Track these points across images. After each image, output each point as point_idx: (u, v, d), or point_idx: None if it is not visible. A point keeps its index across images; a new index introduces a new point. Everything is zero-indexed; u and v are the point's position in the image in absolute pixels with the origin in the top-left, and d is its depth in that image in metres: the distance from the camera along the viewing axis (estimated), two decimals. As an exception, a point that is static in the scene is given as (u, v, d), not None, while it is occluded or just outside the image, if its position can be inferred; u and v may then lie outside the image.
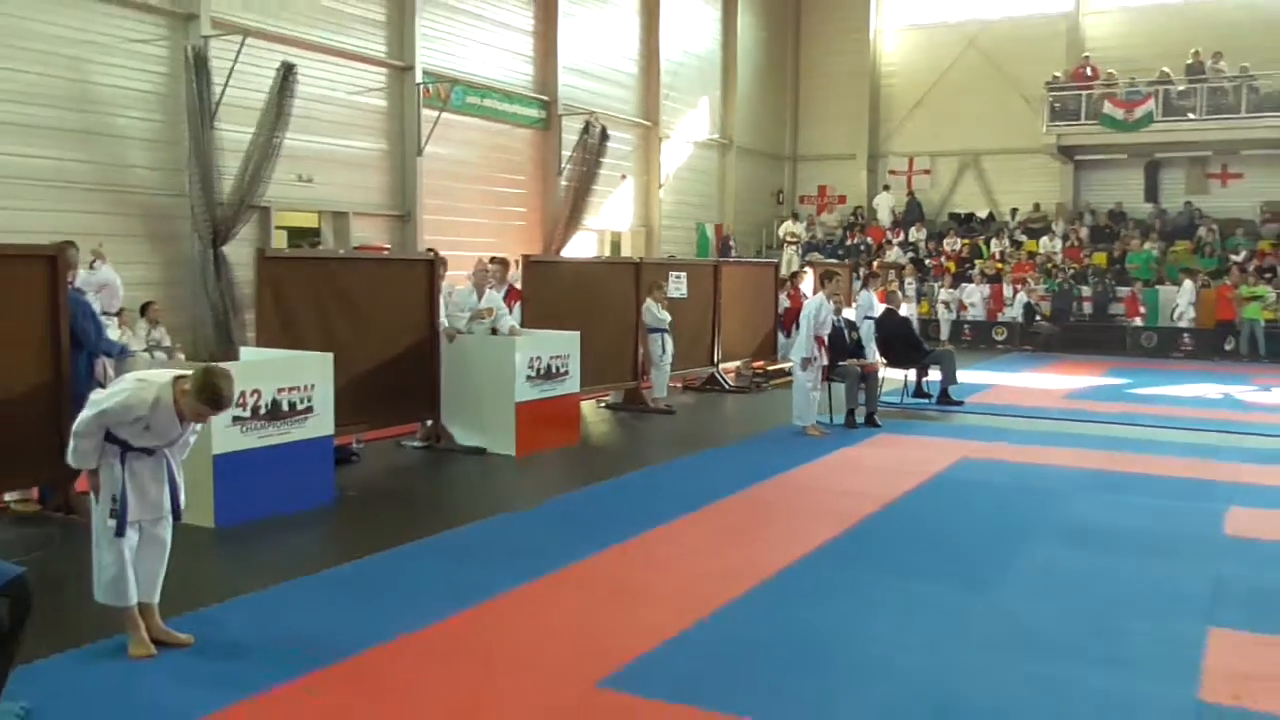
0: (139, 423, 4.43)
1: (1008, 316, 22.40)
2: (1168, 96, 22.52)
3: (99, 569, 4.54)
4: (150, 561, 4.65)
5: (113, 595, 4.52)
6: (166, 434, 4.54)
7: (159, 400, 4.40)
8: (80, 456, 4.50)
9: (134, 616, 4.53)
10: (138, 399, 4.40)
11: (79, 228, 11.24)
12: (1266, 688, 4.37)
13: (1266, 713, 4.15)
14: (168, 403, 4.41)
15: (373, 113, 16.03)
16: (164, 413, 4.43)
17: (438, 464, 9.12)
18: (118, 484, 4.50)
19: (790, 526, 6.97)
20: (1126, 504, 7.75)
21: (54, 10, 11.81)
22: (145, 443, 4.53)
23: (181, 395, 4.40)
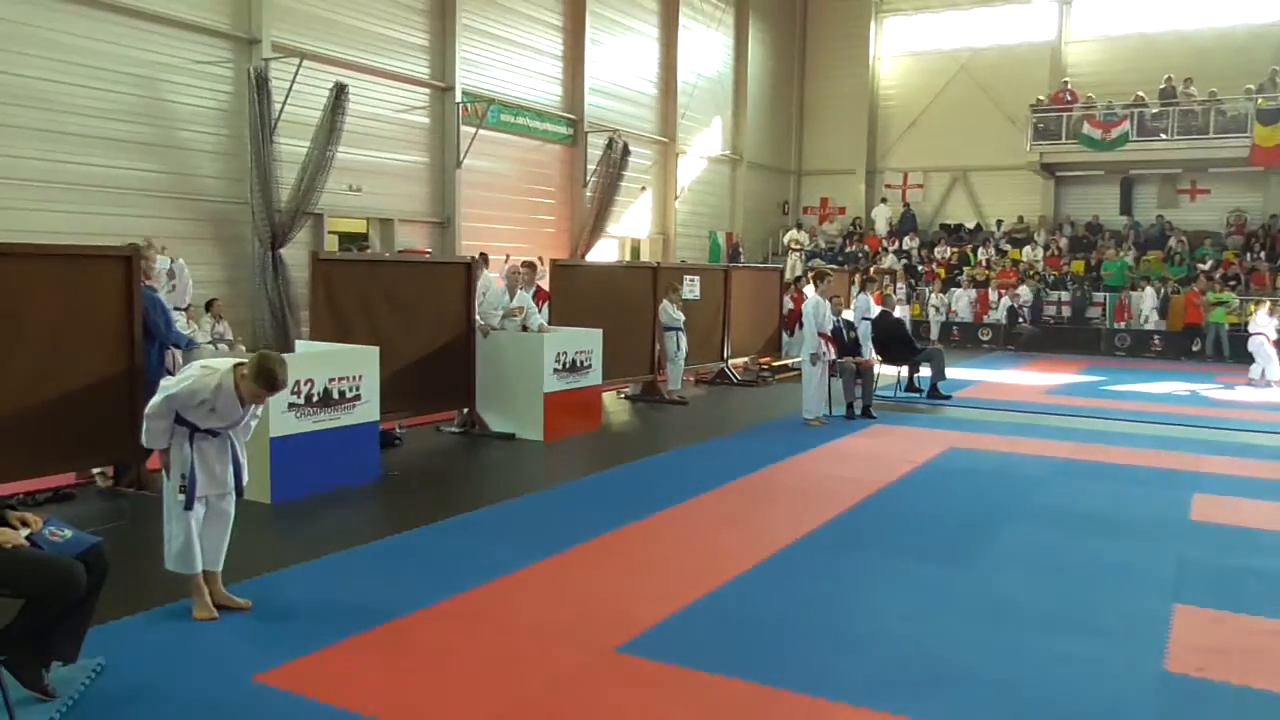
0: (204, 405, 4.45)
1: (992, 319, 22.27)
2: (1142, 118, 22.35)
3: (169, 540, 4.57)
4: (215, 533, 4.67)
5: (182, 564, 4.55)
6: (229, 416, 4.55)
7: (221, 385, 4.42)
8: (152, 437, 4.52)
9: (199, 583, 4.56)
10: (202, 384, 4.42)
11: (153, 232, 11.30)
12: (1228, 660, 4.34)
13: (1228, 683, 4.11)
14: (229, 387, 4.44)
15: (416, 129, 16.05)
16: (226, 396, 4.45)
17: (472, 448, 9.13)
18: (186, 463, 4.53)
19: (792, 508, 6.94)
20: (1100, 490, 7.69)
21: (133, 36, 11.87)
22: (211, 424, 4.55)
23: (241, 380, 4.43)
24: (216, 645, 4.25)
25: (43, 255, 6.46)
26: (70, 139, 11.29)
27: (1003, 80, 25.10)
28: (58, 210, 11.03)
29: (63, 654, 3.70)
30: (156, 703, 3.70)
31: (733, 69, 25.16)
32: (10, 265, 6.06)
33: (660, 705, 3.81)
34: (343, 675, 4.00)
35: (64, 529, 3.72)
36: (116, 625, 4.37)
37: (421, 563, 5.52)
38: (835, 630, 4.63)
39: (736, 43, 25.19)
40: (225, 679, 3.90)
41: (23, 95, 10.85)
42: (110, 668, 3.94)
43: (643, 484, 7.73)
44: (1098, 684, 4.08)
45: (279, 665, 4.03)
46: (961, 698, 3.90)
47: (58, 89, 11.14)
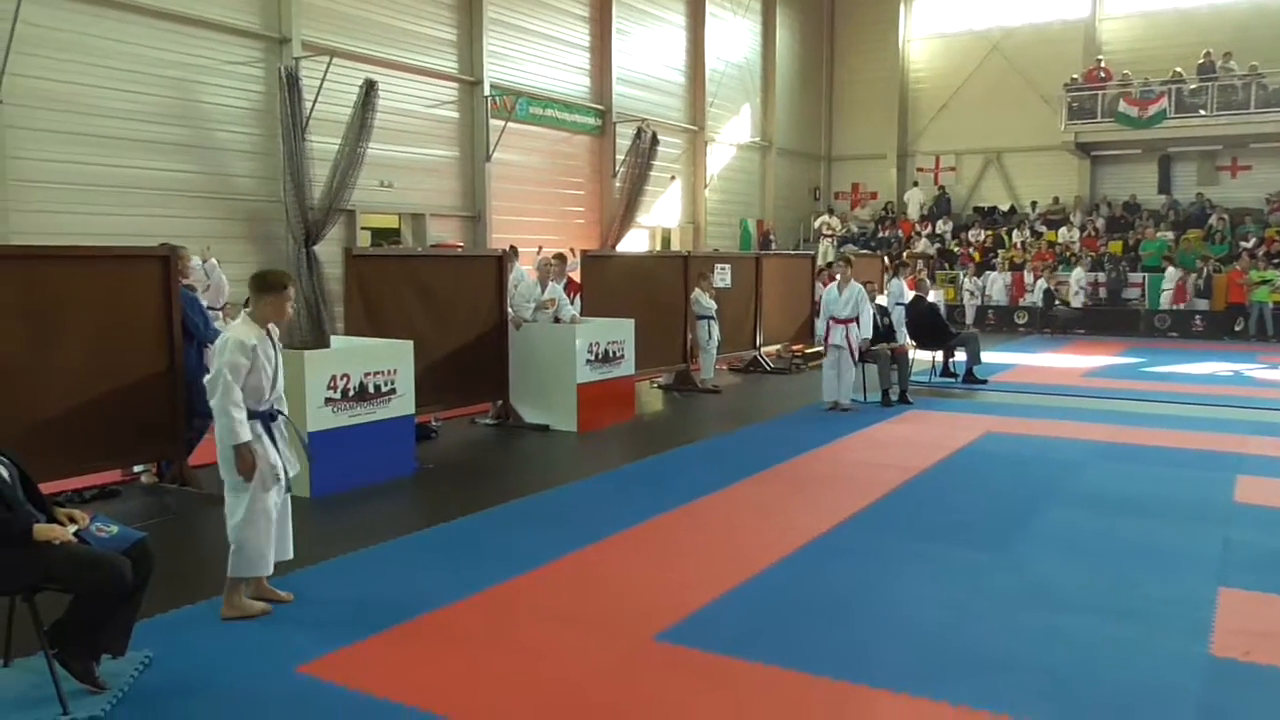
0: (254, 365, 4.44)
1: (1028, 301, 21.99)
2: (1180, 95, 21.94)
3: (247, 546, 4.48)
4: (285, 524, 4.75)
5: (257, 568, 4.54)
6: (272, 361, 4.55)
7: (246, 333, 4.46)
8: (239, 428, 4.40)
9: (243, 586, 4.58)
10: (236, 344, 4.42)
11: (190, 231, 11.50)
12: (1275, 644, 4.26)
13: (1275, 666, 4.05)
14: (253, 329, 4.49)
15: (446, 123, 16.12)
16: (259, 339, 4.49)
17: (507, 439, 9.18)
18: (271, 453, 4.55)
19: (828, 495, 6.91)
20: (1141, 473, 7.58)
21: (166, 39, 12.03)
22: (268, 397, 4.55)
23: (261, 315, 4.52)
24: (259, 637, 4.31)
25: (83, 257, 6.57)
26: (107, 142, 11.47)
27: (1035, 59, 24.73)
28: (96, 212, 11.22)
29: (112, 647, 3.77)
30: (203, 694, 3.77)
31: (761, 55, 25.01)
32: (52, 268, 6.17)
33: (700, 693, 3.81)
34: (384, 666, 4.04)
35: (110, 525, 3.79)
36: (163, 619, 4.44)
37: (459, 554, 5.56)
38: (874, 616, 4.61)
39: (764, 28, 25.03)
40: (269, 670, 3.96)
41: (60, 100, 11.04)
42: (157, 660, 4.01)
43: (677, 473, 7.73)
44: (1140, 668, 4.03)
45: (321, 656, 4.08)
46: (1002, 683, 3.87)
47: (94, 93, 11.32)
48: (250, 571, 4.54)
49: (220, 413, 4.42)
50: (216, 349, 4.49)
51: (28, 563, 3.50)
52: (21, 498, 3.61)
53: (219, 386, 4.40)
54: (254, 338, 4.47)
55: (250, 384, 4.48)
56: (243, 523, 4.50)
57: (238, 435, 4.41)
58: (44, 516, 3.67)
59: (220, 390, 4.39)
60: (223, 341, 4.47)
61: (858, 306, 10.42)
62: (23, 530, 3.49)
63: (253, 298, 4.56)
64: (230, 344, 4.43)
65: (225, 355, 4.42)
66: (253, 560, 4.52)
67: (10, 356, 5.67)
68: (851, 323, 10.41)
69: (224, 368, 4.39)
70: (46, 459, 5.43)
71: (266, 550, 4.56)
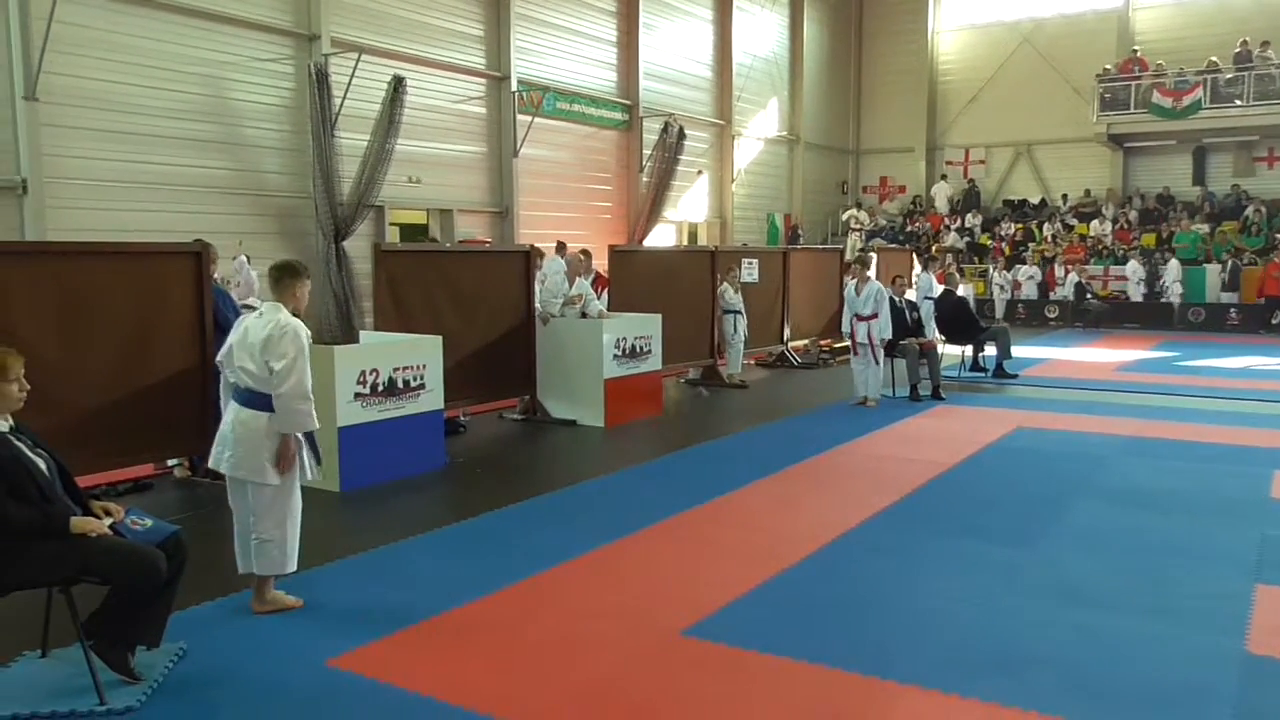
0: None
1: (1059, 295, 21.74)
2: (1215, 84, 21.60)
3: (282, 542, 4.47)
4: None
5: (285, 565, 4.54)
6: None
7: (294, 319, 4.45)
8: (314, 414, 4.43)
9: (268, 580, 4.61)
10: (304, 331, 4.43)
11: (221, 228, 11.64)
12: (1313, 643, 4.19)
13: (1313, 667, 3.98)
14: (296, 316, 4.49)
15: (473, 119, 16.18)
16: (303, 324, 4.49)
17: (535, 434, 9.21)
18: (302, 444, 4.55)
19: (857, 491, 6.88)
20: (1174, 468, 7.48)
21: (198, 36, 12.16)
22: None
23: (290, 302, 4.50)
24: (290, 630, 4.35)
25: (117, 253, 6.66)
26: (140, 139, 11.61)
27: (1067, 50, 24.44)
28: (129, 209, 11.37)
29: (146, 638, 3.82)
30: (235, 685, 3.81)
31: (788, 49, 24.89)
32: (86, 263, 6.25)
33: (728, 688, 3.81)
34: (413, 659, 4.07)
35: (145, 518, 3.84)
36: (196, 611, 4.50)
37: (487, 548, 5.58)
38: (903, 612, 4.58)
39: (792, 22, 24.91)
40: (299, 663, 4.00)
41: (94, 98, 11.19)
42: (191, 652, 4.06)
43: (705, 468, 7.72)
44: (1174, 666, 3.98)
45: (351, 649, 4.11)
46: (1032, 680, 3.83)
47: (127, 91, 11.46)
48: (278, 569, 4.53)
49: (298, 397, 4.34)
50: (288, 338, 4.35)
51: (65, 555, 3.55)
52: (60, 491, 3.67)
53: (294, 372, 4.33)
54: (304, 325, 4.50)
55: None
56: (282, 519, 4.49)
57: (313, 422, 4.42)
58: (80, 509, 3.72)
59: (298, 376, 4.34)
60: (291, 330, 4.38)
61: (877, 305, 10.39)
62: (61, 523, 3.55)
63: (281, 286, 4.51)
64: (300, 331, 4.41)
65: (302, 339, 4.40)
66: (284, 557, 4.53)
67: (47, 351, 5.75)
68: (872, 319, 10.37)
69: (302, 356, 4.38)
70: (82, 452, 5.51)
71: (294, 549, 4.58)
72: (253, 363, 4.40)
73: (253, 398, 4.42)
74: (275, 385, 4.34)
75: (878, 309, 10.39)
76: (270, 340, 4.36)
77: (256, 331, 4.43)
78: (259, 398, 4.40)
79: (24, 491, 3.50)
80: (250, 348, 4.42)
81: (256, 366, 4.39)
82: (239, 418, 4.45)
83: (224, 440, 4.49)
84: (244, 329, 4.51)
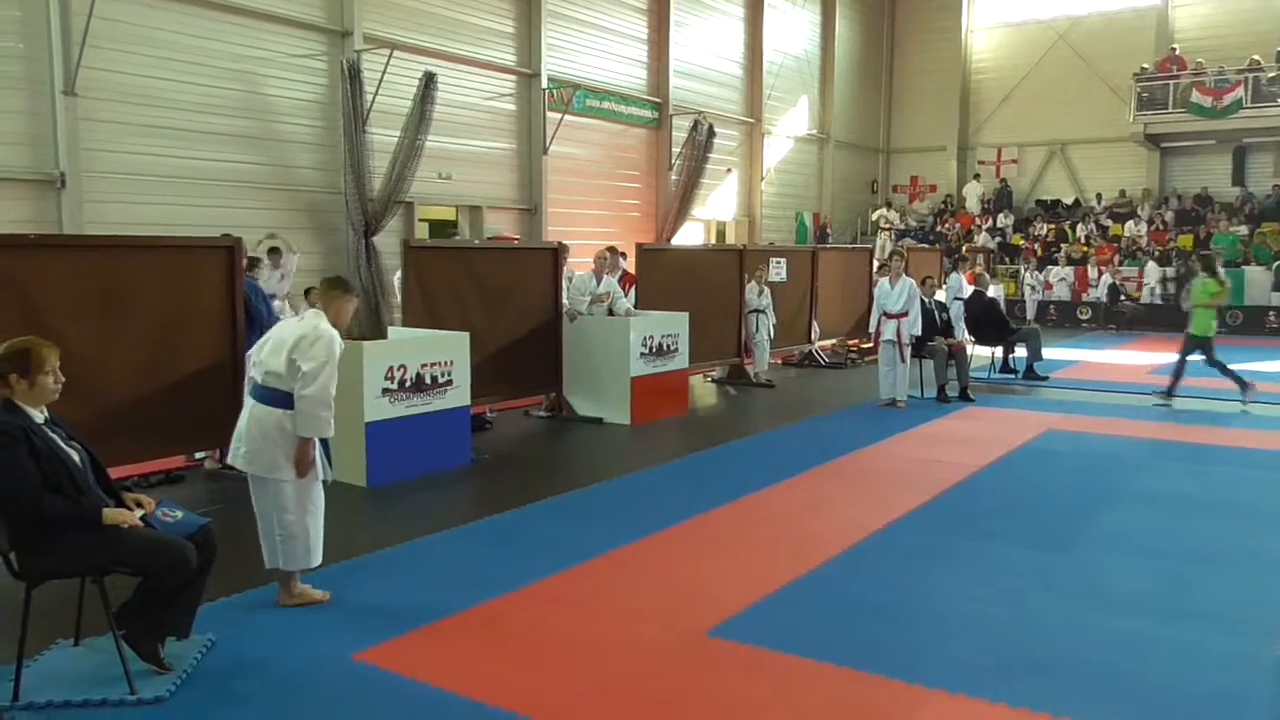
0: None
1: (1092, 297, 21.48)
2: (1257, 83, 21.23)
3: (303, 538, 4.54)
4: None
5: (308, 560, 4.60)
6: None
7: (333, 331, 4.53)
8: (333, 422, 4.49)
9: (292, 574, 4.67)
10: (338, 342, 4.51)
11: (254, 222, 11.76)
12: (1351, 655, 4.12)
13: (1351, 679, 3.91)
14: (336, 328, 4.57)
15: (503, 116, 16.22)
16: (339, 336, 4.57)
17: (561, 432, 9.22)
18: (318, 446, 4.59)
19: (884, 492, 6.83)
20: (1208, 473, 7.37)
21: (233, 32, 12.27)
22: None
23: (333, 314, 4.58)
24: (318, 624, 4.39)
25: (151, 246, 6.74)
26: (175, 133, 11.74)
27: (1104, 49, 24.13)
28: (163, 203, 11.51)
29: (176, 629, 3.87)
30: (263, 677, 3.84)
31: (820, 47, 24.77)
32: (122, 257, 6.33)
33: (753, 689, 3.79)
34: (438, 655, 4.08)
35: (175, 510, 3.88)
36: (225, 603, 4.55)
37: (513, 545, 5.60)
38: (930, 615, 4.54)
39: (823, 19, 24.78)
40: (327, 656, 4.03)
41: (131, 93, 11.33)
42: (220, 643, 4.10)
43: (731, 467, 7.70)
44: (1207, 671, 3.93)
45: (377, 644, 4.14)
46: (1062, 685, 3.79)
47: (163, 85, 11.60)
48: (303, 563, 4.59)
49: (321, 404, 4.41)
50: (322, 343, 4.43)
51: (98, 546, 3.60)
52: (92, 482, 3.71)
53: (321, 378, 4.40)
54: (340, 337, 4.59)
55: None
56: (303, 514, 4.55)
57: (331, 429, 4.50)
58: (113, 501, 3.77)
59: (324, 383, 4.41)
60: (327, 337, 4.47)
61: (909, 301, 10.26)
62: (94, 514, 3.59)
63: (329, 297, 4.60)
64: (335, 340, 4.51)
65: (335, 349, 4.49)
66: (309, 550, 4.59)
67: (82, 343, 5.82)
68: (902, 317, 10.24)
69: (332, 363, 4.46)
70: (114, 444, 5.57)
71: (318, 541, 4.64)
72: (279, 360, 4.46)
73: (271, 395, 4.48)
74: (301, 386, 4.39)
75: (909, 306, 10.26)
76: (304, 340, 4.43)
77: (291, 330, 4.53)
78: (277, 395, 4.47)
79: (58, 483, 3.55)
80: (281, 345, 4.50)
81: (283, 364, 4.44)
82: (254, 414, 4.52)
83: (239, 436, 4.57)
84: (281, 328, 4.67)
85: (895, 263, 10.69)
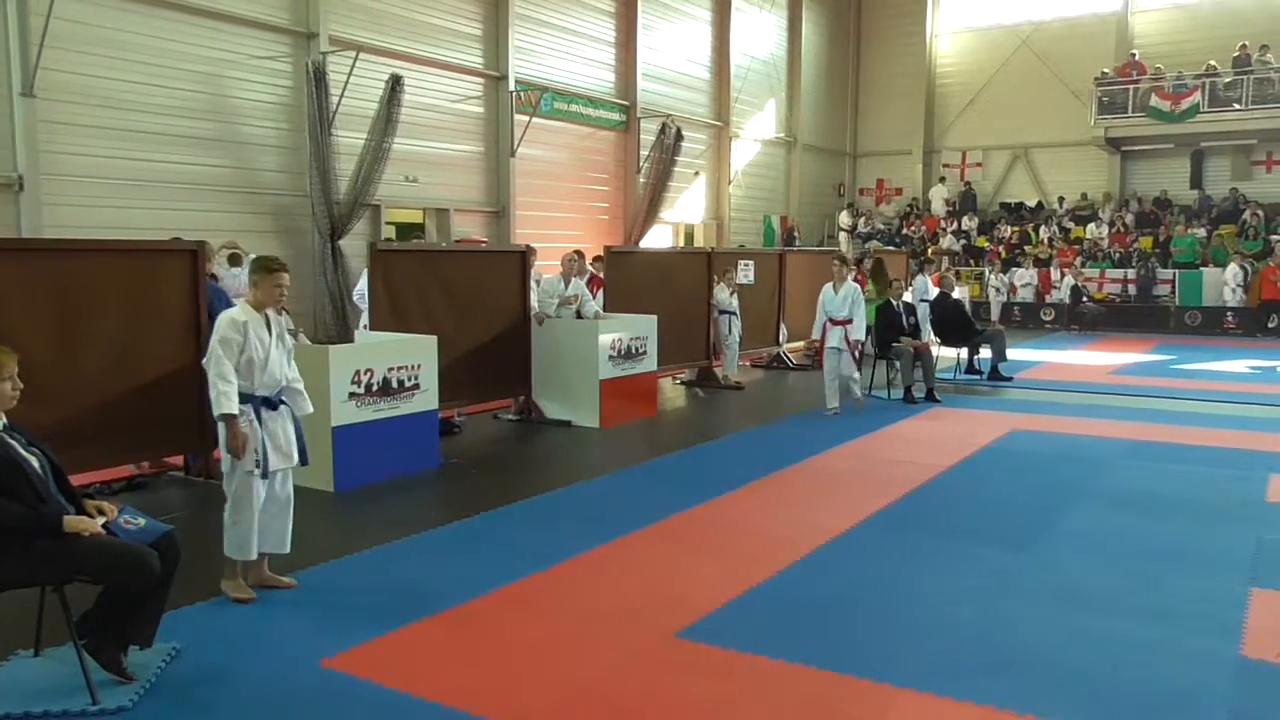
0: (245, 341, 4.58)
1: (1055, 298, 21.79)
2: (1214, 88, 21.64)
3: (230, 527, 4.66)
4: (282, 518, 4.84)
5: (243, 551, 4.67)
6: (265, 343, 4.67)
7: (239, 312, 4.66)
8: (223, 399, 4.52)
9: (240, 569, 4.71)
10: (229, 320, 4.62)
11: (218, 225, 11.59)
12: (1307, 648, 4.20)
13: (1307, 672, 3.99)
14: (247, 310, 4.67)
15: (471, 119, 16.16)
16: (251, 320, 4.64)
17: (530, 435, 9.20)
18: (258, 438, 4.65)
19: (852, 493, 6.89)
20: (1170, 472, 7.50)
21: (196, 34, 12.12)
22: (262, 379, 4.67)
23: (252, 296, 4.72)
24: (284, 630, 4.35)
25: (112, 250, 6.65)
26: (137, 136, 11.58)
27: (1066, 54, 24.48)
28: (125, 206, 11.34)
29: (139, 638, 3.81)
30: (229, 685, 3.80)
31: (786, 50, 24.91)
32: (82, 261, 6.24)
33: (722, 691, 3.80)
34: (407, 660, 4.06)
35: (138, 517, 3.83)
36: (189, 610, 4.49)
37: (482, 549, 5.58)
38: (899, 615, 4.58)
39: (790, 24, 24.93)
40: (293, 663, 3.99)
41: (92, 94, 11.16)
42: (184, 651, 4.06)
43: (700, 469, 7.72)
44: (1170, 669, 3.99)
45: (345, 650, 4.11)
46: (1028, 683, 3.84)
47: (125, 87, 11.43)
48: (235, 554, 4.66)
49: (210, 384, 4.57)
50: (215, 326, 4.68)
51: (58, 554, 3.54)
52: (53, 489, 3.66)
53: (211, 359, 4.58)
54: (245, 316, 4.65)
55: (242, 361, 4.62)
56: (231, 503, 4.67)
57: (221, 406, 4.54)
58: (74, 508, 3.71)
59: (211, 362, 4.57)
60: (221, 320, 4.66)
61: (854, 307, 9.93)
62: (54, 522, 3.54)
63: (253, 277, 4.79)
64: (223, 320, 4.64)
65: (217, 331, 4.61)
66: (238, 542, 4.65)
67: (41, 349, 5.73)
68: (847, 324, 9.94)
69: (215, 342, 4.58)
70: (76, 451, 5.49)
71: (250, 536, 4.66)
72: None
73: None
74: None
75: (854, 312, 9.94)
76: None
77: None
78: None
79: (17, 490, 3.49)
80: None
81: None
82: None
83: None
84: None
85: (839, 267, 10.24)
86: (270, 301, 4.75)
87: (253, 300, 4.75)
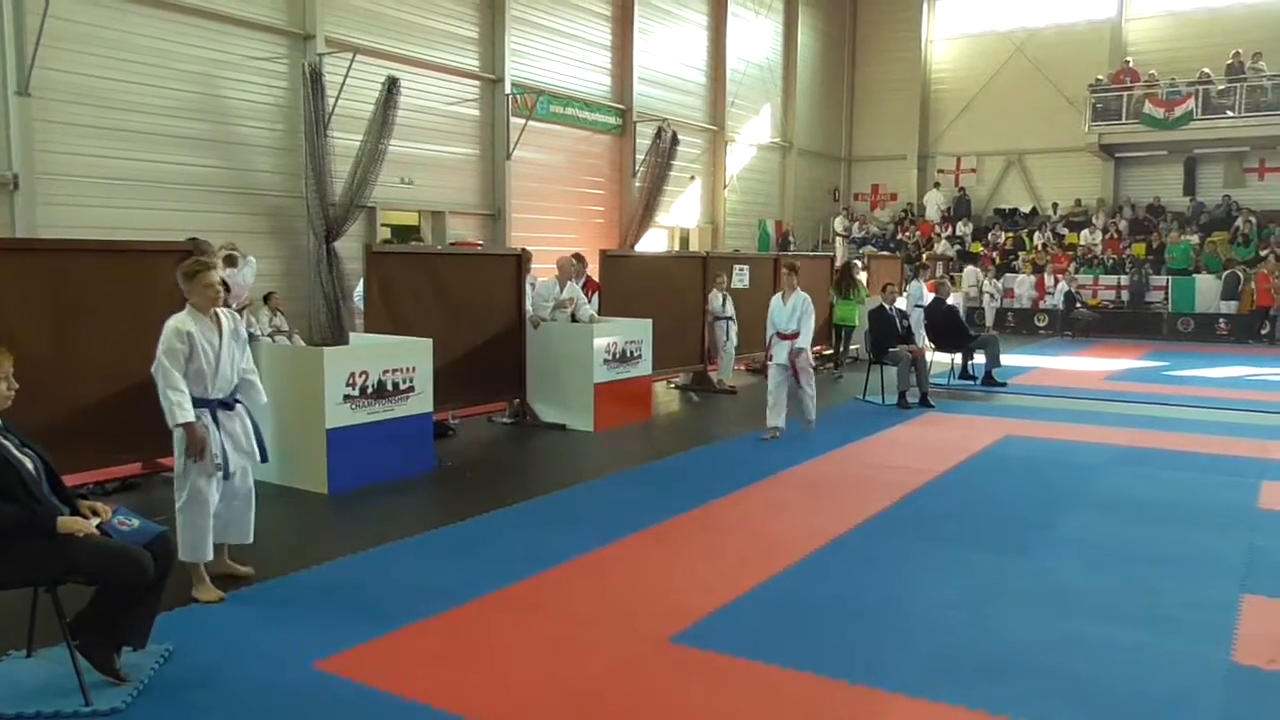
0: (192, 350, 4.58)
1: (1049, 304, 21.85)
2: (1207, 95, 21.72)
3: (190, 530, 4.63)
4: (243, 509, 4.90)
5: (198, 553, 4.66)
6: (214, 346, 4.67)
7: (183, 320, 4.62)
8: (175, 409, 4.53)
9: (204, 570, 4.71)
10: (172, 330, 4.60)
11: (213, 226, 11.55)
12: (1298, 654, 4.22)
13: (1298, 678, 4.01)
14: (191, 317, 4.64)
15: (467, 121, 16.15)
16: (197, 322, 4.63)
17: (524, 438, 9.20)
18: (217, 441, 4.68)
19: (846, 497, 6.89)
20: (1163, 478, 7.52)
21: (191, 33, 12.10)
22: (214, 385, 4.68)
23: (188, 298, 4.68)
24: (277, 632, 4.34)
25: (108, 250, 6.64)
26: (132, 136, 11.55)
27: (1060, 61, 24.56)
28: (121, 206, 11.31)
29: (132, 639, 3.81)
30: (222, 687, 3.79)
31: (782, 55, 24.95)
32: (77, 261, 6.24)
33: (715, 695, 3.81)
34: (400, 663, 4.06)
35: (132, 518, 3.83)
36: (182, 612, 4.48)
37: (476, 552, 5.58)
38: (891, 620, 4.59)
39: (786, 28, 24.97)
40: (287, 665, 3.99)
41: (88, 94, 11.13)
42: (177, 653, 4.05)
43: (694, 474, 7.73)
44: (1162, 674, 4.00)
45: (338, 652, 4.10)
46: (1020, 688, 3.85)
47: (121, 87, 11.40)
48: (190, 556, 4.64)
49: (160, 394, 4.56)
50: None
51: (52, 555, 3.53)
52: (46, 490, 3.65)
53: (158, 369, 4.57)
54: (191, 325, 4.62)
55: (191, 370, 4.61)
56: (181, 507, 4.67)
57: (176, 416, 4.54)
58: (68, 509, 3.70)
59: (159, 373, 4.56)
60: (165, 328, 4.64)
61: (803, 319, 9.03)
62: (48, 522, 3.53)
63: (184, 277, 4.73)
64: (167, 330, 4.62)
65: (163, 341, 4.60)
66: (191, 545, 4.64)
67: (36, 349, 5.72)
68: (793, 338, 9.04)
69: (161, 353, 4.57)
70: (71, 451, 5.47)
71: (203, 537, 4.66)
72: None
73: None
74: None
75: (801, 326, 9.01)
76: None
77: None
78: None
79: (10, 490, 3.49)
80: None
81: None
82: None
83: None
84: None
85: (788, 275, 9.29)
86: (207, 304, 4.71)
87: (191, 304, 4.69)
